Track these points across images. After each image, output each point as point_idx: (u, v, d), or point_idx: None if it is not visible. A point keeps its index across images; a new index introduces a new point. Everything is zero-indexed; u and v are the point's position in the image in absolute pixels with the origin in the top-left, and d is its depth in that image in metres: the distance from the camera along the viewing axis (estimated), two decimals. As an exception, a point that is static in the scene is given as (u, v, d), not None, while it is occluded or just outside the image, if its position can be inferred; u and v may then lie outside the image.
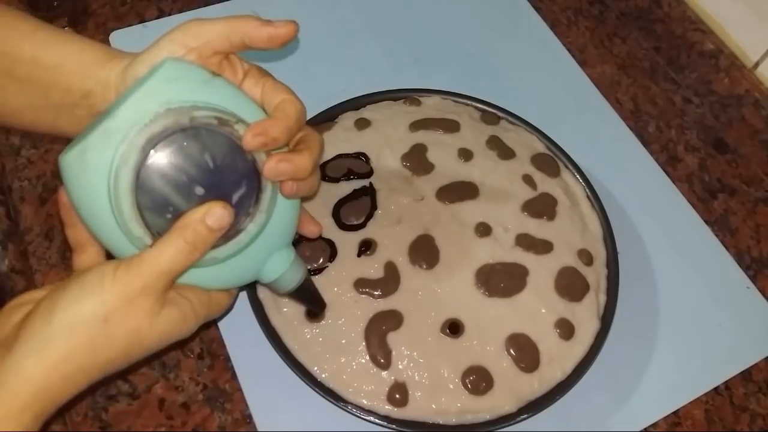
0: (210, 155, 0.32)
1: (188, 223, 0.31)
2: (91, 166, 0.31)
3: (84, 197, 0.32)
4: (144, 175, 0.31)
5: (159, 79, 0.32)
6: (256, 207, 0.34)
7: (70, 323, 0.30)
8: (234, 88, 0.35)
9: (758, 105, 0.63)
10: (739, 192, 0.59)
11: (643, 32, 0.68)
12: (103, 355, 0.31)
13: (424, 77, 0.59)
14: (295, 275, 0.39)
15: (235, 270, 0.36)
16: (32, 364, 0.30)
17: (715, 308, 0.52)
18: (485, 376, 0.43)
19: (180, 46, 0.34)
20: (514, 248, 0.47)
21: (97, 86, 0.36)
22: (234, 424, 0.44)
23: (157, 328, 0.32)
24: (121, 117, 0.31)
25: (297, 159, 0.34)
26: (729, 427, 0.48)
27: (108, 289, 0.31)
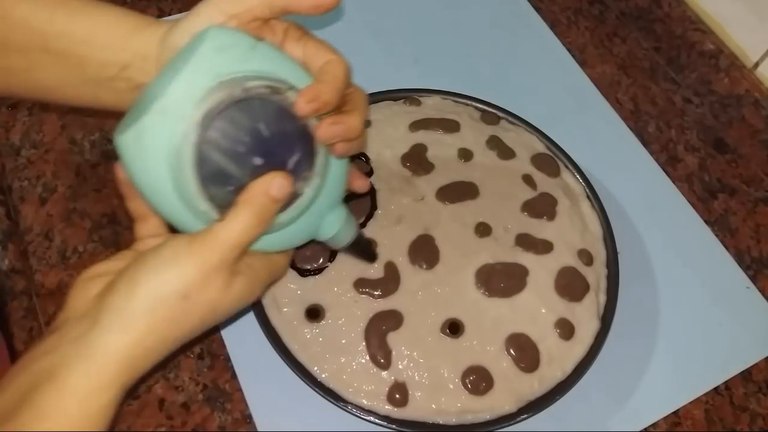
0: (264, 124, 0.32)
1: (253, 195, 0.32)
2: (149, 146, 0.31)
3: (145, 176, 0.32)
4: (203, 150, 0.31)
5: (206, 50, 0.31)
6: (311, 171, 0.34)
7: (151, 300, 0.31)
8: (279, 52, 0.34)
9: (758, 105, 0.63)
10: (739, 192, 0.59)
11: (643, 32, 0.68)
12: (182, 328, 0.32)
13: (424, 77, 0.59)
14: (349, 231, 0.40)
15: (295, 232, 0.37)
16: (117, 338, 0.31)
17: (715, 308, 0.52)
18: (485, 376, 0.43)
19: (220, 13, 0.34)
20: (514, 248, 0.47)
21: (135, 58, 0.35)
22: (234, 424, 0.44)
23: (230, 298, 0.33)
24: (175, 94, 0.31)
25: (348, 120, 0.34)
26: (729, 427, 0.48)
27: (185, 264, 0.32)
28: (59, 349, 0.31)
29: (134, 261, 0.33)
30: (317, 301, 0.45)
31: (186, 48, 0.33)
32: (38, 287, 0.48)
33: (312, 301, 0.45)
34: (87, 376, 0.30)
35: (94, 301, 0.32)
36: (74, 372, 0.30)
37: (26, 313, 0.48)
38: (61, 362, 0.30)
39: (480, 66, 0.63)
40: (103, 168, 0.54)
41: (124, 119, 0.34)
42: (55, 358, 0.30)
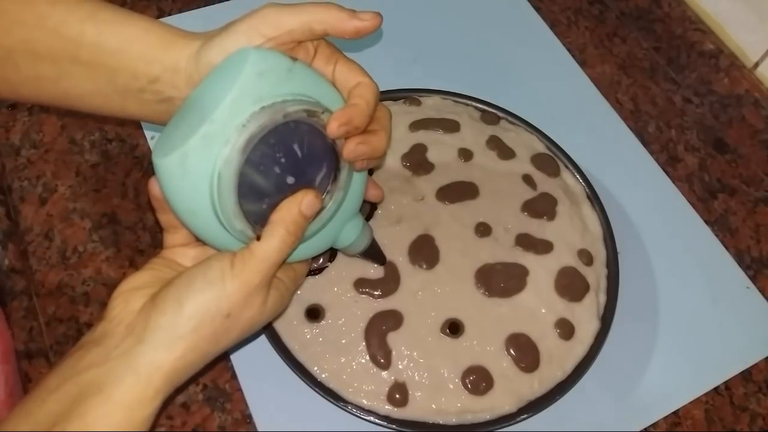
0: (298, 145, 0.33)
1: (287, 214, 0.34)
2: (192, 170, 0.32)
3: (184, 198, 0.33)
4: (244, 177, 0.32)
5: (249, 75, 0.32)
6: (334, 185, 0.36)
7: (196, 318, 0.33)
8: (313, 73, 0.35)
9: (758, 105, 0.63)
10: (739, 192, 0.59)
11: (643, 32, 0.68)
12: (222, 344, 0.34)
13: (424, 77, 0.59)
14: (365, 238, 0.42)
15: (316, 243, 0.38)
16: (163, 355, 0.32)
17: (715, 308, 0.52)
18: (485, 376, 0.43)
19: (258, 35, 0.34)
20: (514, 248, 0.47)
21: (165, 71, 0.36)
22: (234, 424, 0.44)
23: (265, 313, 0.36)
24: (219, 121, 0.31)
25: (374, 140, 0.36)
26: (729, 427, 0.48)
27: (229, 285, 0.33)
28: (106, 363, 0.32)
29: (179, 278, 0.34)
30: (317, 301, 0.45)
31: (223, 69, 0.34)
32: (38, 287, 0.48)
33: (312, 301, 0.45)
34: (133, 389, 0.32)
35: (139, 316, 0.33)
36: (121, 386, 0.32)
37: (26, 313, 0.48)
38: (109, 375, 0.32)
39: (480, 66, 0.63)
40: (102, 168, 0.54)
41: (162, 141, 0.34)
42: (103, 372, 0.32)
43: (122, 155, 0.55)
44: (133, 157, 0.55)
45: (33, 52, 0.36)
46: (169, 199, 0.33)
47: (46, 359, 0.46)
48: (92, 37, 0.35)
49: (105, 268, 0.49)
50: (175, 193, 0.33)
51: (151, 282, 0.35)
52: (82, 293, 0.48)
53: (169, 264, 0.37)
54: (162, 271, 0.36)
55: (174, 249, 0.38)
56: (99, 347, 0.33)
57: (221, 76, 0.33)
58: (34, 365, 0.46)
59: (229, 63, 0.34)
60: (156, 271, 0.36)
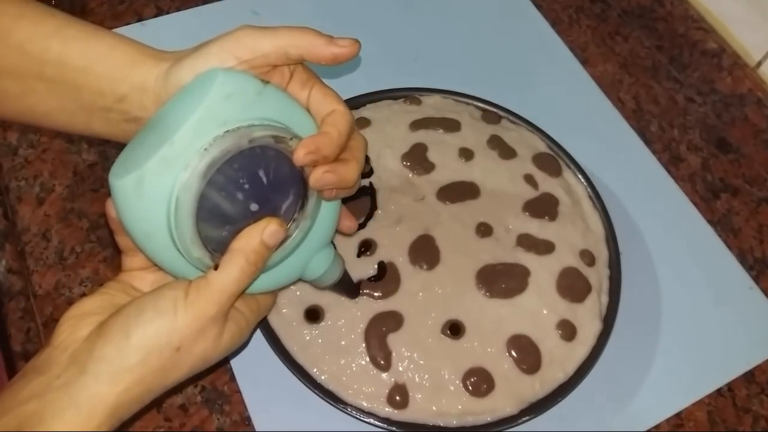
0: (263, 171, 0.32)
1: (247, 243, 0.32)
2: (149, 193, 0.30)
3: (139, 221, 0.32)
4: (203, 204, 0.31)
5: (215, 97, 0.31)
6: (301, 213, 0.34)
7: (144, 350, 0.31)
8: (285, 97, 0.34)
9: (761, 104, 0.63)
10: (742, 192, 0.58)
11: (645, 31, 0.67)
12: (171, 378, 0.33)
13: (425, 76, 0.58)
14: (335, 271, 0.40)
15: (281, 273, 0.36)
16: (107, 388, 0.31)
17: (717, 309, 0.52)
18: (486, 378, 0.43)
19: (232, 57, 0.33)
20: (515, 248, 0.47)
21: (132, 91, 0.34)
22: (233, 426, 0.44)
23: (221, 347, 0.34)
24: (180, 143, 0.30)
25: (342, 170, 0.34)
26: (732, 428, 0.47)
27: (181, 316, 0.32)
28: (47, 395, 0.31)
29: (129, 306, 0.32)
30: (317, 302, 0.44)
31: (190, 89, 0.33)
32: (35, 288, 0.48)
33: (311, 302, 0.44)
34: (74, 424, 0.30)
35: (84, 344, 0.32)
36: (62, 419, 0.30)
37: (23, 313, 0.47)
38: (49, 408, 0.30)
39: (481, 65, 0.62)
40: (100, 168, 0.53)
41: (121, 161, 0.33)
42: (44, 404, 0.30)
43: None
44: (131, 157, 0.54)
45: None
46: (125, 222, 0.32)
47: (44, 360, 0.46)
48: (57, 53, 0.34)
49: (102, 268, 0.49)
50: (131, 217, 0.32)
51: (102, 308, 0.33)
52: (80, 294, 0.48)
53: (124, 288, 0.35)
54: (116, 296, 0.35)
55: (132, 273, 0.36)
56: (41, 376, 0.31)
57: (187, 97, 0.32)
58: (31, 367, 0.46)
59: (196, 83, 0.32)
60: (109, 296, 0.34)
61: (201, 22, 0.62)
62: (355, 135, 0.36)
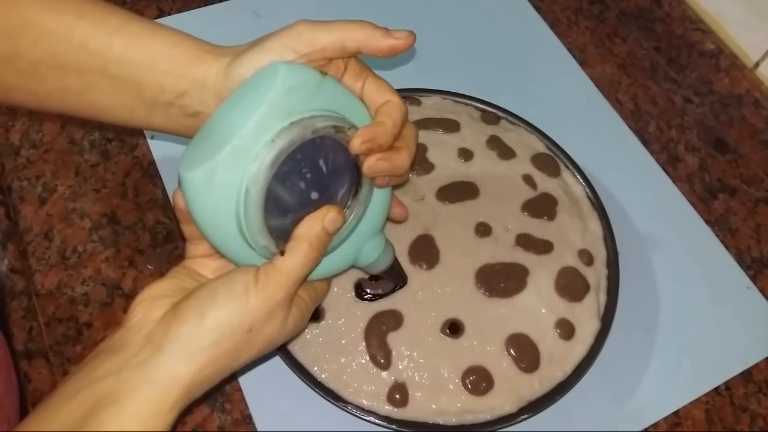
0: (323, 160, 0.33)
1: (311, 229, 0.33)
2: (219, 185, 0.31)
3: (209, 212, 0.33)
4: (271, 193, 0.32)
5: (279, 90, 0.32)
6: (355, 200, 0.35)
7: (218, 331, 0.32)
8: (342, 88, 0.35)
9: (759, 105, 0.63)
10: (740, 192, 0.58)
11: (644, 32, 0.68)
12: (241, 358, 0.34)
13: (424, 77, 0.59)
14: (387, 257, 0.41)
15: (336, 259, 0.38)
16: (182, 367, 0.32)
17: (715, 308, 0.52)
18: (485, 376, 0.43)
19: (291, 51, 0.34)
20: (514, 248, 0.47)
21: (193, 86, 0.35)
22: (234, 425, 0.44)
23: (287, 330, 0.35)
24: (249, 136, 0.31)
25: (396, 158, 0.35)
26: (729, 427, 0.47)
27: (252, 300, 0.33)
28: (123, 372, 0.31)
29: (202, 289, 0.33)
30: (317, 301, 0.45)
31: (253, 82, 0.33)
32: (38, 287, 0.48)
33: (312, 301, 0.45)
34: (151, 401, 0.31)
35: (160, 325, 0.33)
36: (139, 397, 0.31)
37: (26, 313, 0.48)
38: (126, 385, 0.31)
39: (480, 66, 0.63)
40: (102, 168, 0.54)
41: (189, 154, 0.34)
42: (119, 381, 0.31)
43: (122, 155, 0.55)
44: (132, 157, 0.54)
45: (59, 64, 0.35)
46: (194, 213, 0.33)
47: (46, 359, 0.46)
48: (120, 50, 0.35)
49: (105, 268, 0.49)
50: (200, 208, 0.33)
51: (173, 291, 0.35)
52: (82, 293, 0.48)
53: (190, 274, 0.37)
54: (184, 280, 0.36)
55: (195, 260, 0.37)
56: (117, 355, 0.32)
57: (251, 91, 0.33)
58: (33, 365, 0.46)
59: (259, 77, 0.33)
60: (178, 280, 0.36)
61: (202, 24, 0.62)
62: (407, 125, 0.37)
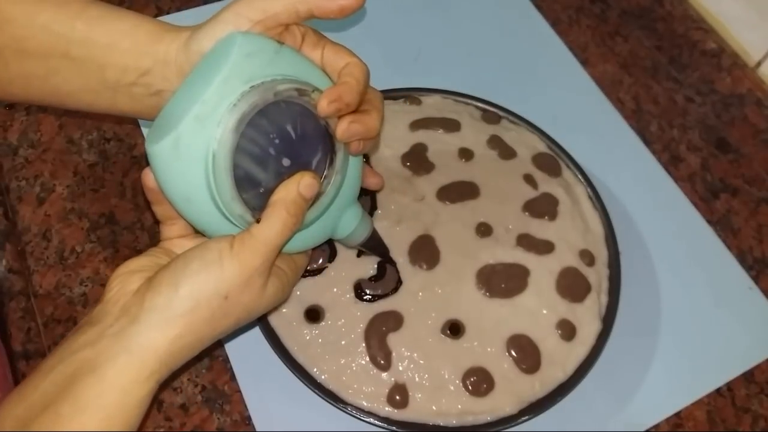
0: (291, 126, 0.33)
1: (286, 196, 0.33)
2: (185, 153, 0.32)
3: (178, 183, 0.33)
4: (239, 159, 0.32)
5: (238, 56, 0.32)
6: (331, 169, 0.35)
7: (193, 300, 0.32)
8: (300, 56, 0.35)
9: (760, 104, 0.63)
10: (742, 192, 0.58)
11: (645, 31, 0.67)
12: (218, 327, 0.34)
13: (425, 76, 0.58)
14: (365, 228, 0.41)
15: (315, 232, 0.38)
16: (158, 336, 0.32)
17: (717, 309, 0.52)
18: (486, 378, 0.43)
19: (245, 20, 0.34)
20: (515, 248, 0.47)
21: (155, 64, 0.36)
22: (233, 426, 0.44)
23: (265, 299, 0.35)
24: (210, 101, 0.31)
25: (366, 119, 0.35)
26: (731, 428, 0.47)
27: (227, 267, 0.32)
28: (100, 342, 0.32)
29: (176, 260, 0.33)
30: (317, 301, 0.44)
31: (212, 54, 0.34)
32: (36, 287, 0.48)
33: (311, 302, 0.44)
34: (127, 370, 0.31)
35: (135, 297, 0.33)
36: (114, 365, 0.31)
37: (24, 313, 0.47)
38: (101, 355, 0.31)
39: (481, 65, 0.62)
40: (101, 168, 0.54)
41: (154, 129, 0.34)
42: (96, 351, 0.31)
43: (120, 155, 0.54)
44: (131, 157, 0.54)
45: (23, 49, 0.36)
46: (164, 187, 0.33)
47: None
48: (83, 32, 0.35)
49: (103, 268, 0.49)
50: (170, 180, 0.33)
51: (149, 266, 0.35)
52: (80, 294, 0.48)
53: (167, 253, 0.37)
54: (160, 258, 0.36)
55: (172, 241, 0.38)
56: (94, 327, 0.32)
57: (210, 61, 0.33)
58: (31, 366, 0.46)
59: (217, 48, 0.34)
60: (155, 258, 0.36)
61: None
62: (370, 89, 0.37)
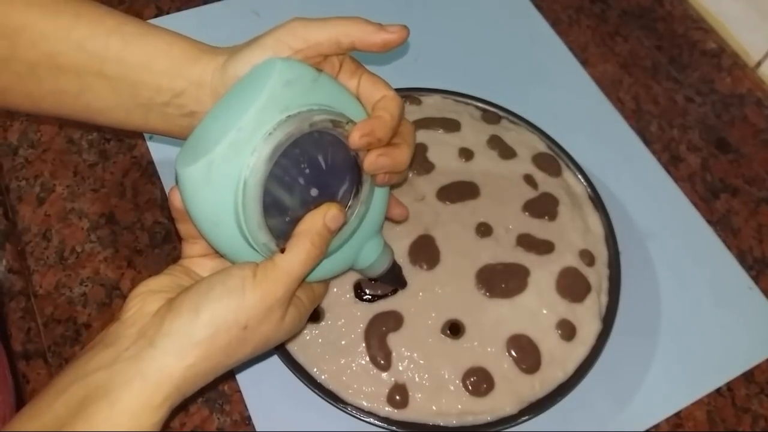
0: (322, 156, 0.33)
1: (312, 226, 0.33)
2: (217, 179, 0.31)
3: (206, 208, 0.32)
4: (269, 188, 0.31)
5: (276, 84, 0.31)
6: (356, 199, 0.35)
7: (213, 326, 0.31)
8: (338, 85, 0.35)
9: (760, 104, 0.63)
10: (742, 192, 0.58)
11: (645, 31, 0.67)
12: (235, 356, 0.33)
13: (425, 76, 0.58)
14: (385, 260, 0.40)
15: (336, 261, 0.37)
16: (174, 362, 0.31)
17: (717, 309, 0.52)
18: (486, 378, 0.43)
19: (286, 48, 0.34)
20: (515, 248, 0.47)
21: (190, 86, 0.35)
22: (233, 426, 0.44)
23: (283, 330, 0.34)
24: (247, 129, 0.31)
25: (396, 153, 0.35)
26: (731, 428, 0.47)
27: (249, 296, 0.32)
28: (114, 366, 0.31)
29: (199, 284, 0.33)
30: (317, 301, 0.44)
31: (249, 78, 0.33)
32: (36, 288, 0.48)
33: (311, 302, 0.44)
34: (141, 396, 0.31)
35: (153, 319, 0.32)
36: (129, 391, 0.30)
37: (24, 313, 0.47)
38: (116, 379, 0.31)
39: (481, 65, 0.62)
40: (101, 168, 0.54)
41: (185, 151, 0.33)
42: (111, 375, 0.31)
43: (120, 155, 0.54)
44: (131, 157, 0.54)
45: (57, 66, 0.35)
46: (191, 210, 0.33)
47: (44, 360, 0.46)
48: (117, 51, 0.35)
49: (103, 268, 0.49)
50: (198, 204, 0.32)
51: (169, 287, 0.34)
52: (80, 294, 0.48)
53: (187, 272, 0.36)
54: (180, 278, 0.35)
55: (192, 259, 0.37)
56: (109, 348, 0.32)
57: (248, 86, 0.33)
58: (31, 366, 0.46)
59: (255, 72, 0.33)
60: (175, 277, 0.35)
61: (201, 23, 0.62)
62: (404, 121, 0.37)
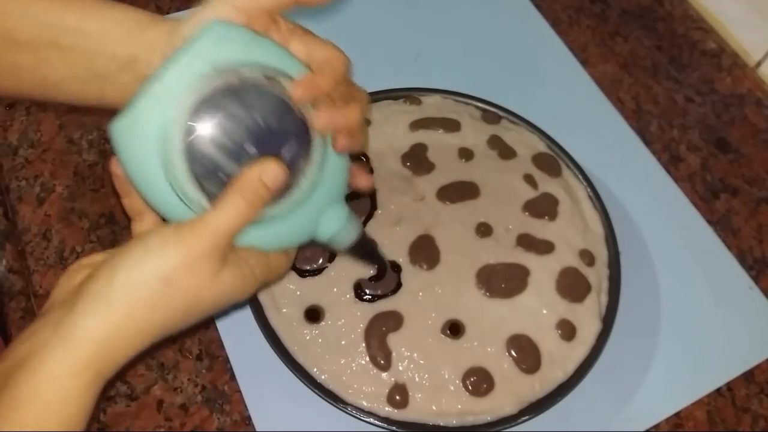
0: (259, 114, 0.32)
1: (245, 182, 0.32)
2: (142, 131, 0.31)
3: (137, 164, 0.32)
4: (196, 142, 0.31)
5: (206, 40, 0.32)
6: (307, 162, 0.34)
7: (132, 284, 0.30)
8: (279, 47, 0.35)
9: (760, 104, 0.63)
10: (742, 192, 0.58)
11: (645, 31, 0.67)
12: (162, 315, 0.31)
13: (425, 76, 0.58)
14: (351, 231, 0.39)
15: (291, 228, 0.36)
16: (93, 322, 0.30)
17: (717, 309, 0.52)
18: (486, 378, 0.43)
19: (229, 8, 0.34)
20: (515, 248, 0.47)
21: (143, 51, 0.36)
22: (233, 426, 0.44)
23: (217, 288, 0.32)
24: (169, 80, 0.31)
25: (346, 110, 0.35)
26: (731, 428, 0.47)
27: (171, 251, 0.31)
28: (36, 335, 0.30)
29: (118, 248, 0.32)
30: (317, 302, 0.44)
31: (189, 41, 0.33)
32: (36, 287, 0.48)
33: (311, 302, 0.44)
34: (62, 360, 0.29)
35: (76, 289, 0.32)
36: (49, 357, 0.29)
37: (24, 313, 0.47)
38: (36, 348, 0.30)
39: (481, 65, 0.62)
40: (101, 167, 0.54)
41: (122, 110, 0.33)
42: (32, 345, 0.30)
43: (121, 155, 0.54)
44: (131, 157, 0.54)
45: (14, 40, 0.36)
46: (126, 169, 0.33)
47: (44, 360, 0.46)
48: (73, 22, 0.36)
49: (103, 268, 0.49)
50: (130, 161, 0.32)
51: (101, 261, 0.33)
52: (80, 294, 0.48)
53: None
54: None
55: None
56: (38, 320, 0.32)
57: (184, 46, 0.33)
58: (31, 366, 0.46)
59: (195, 34, 0.33)
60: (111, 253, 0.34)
61: (201, 22, 0.62)
62: (354, 84, 0.37)
